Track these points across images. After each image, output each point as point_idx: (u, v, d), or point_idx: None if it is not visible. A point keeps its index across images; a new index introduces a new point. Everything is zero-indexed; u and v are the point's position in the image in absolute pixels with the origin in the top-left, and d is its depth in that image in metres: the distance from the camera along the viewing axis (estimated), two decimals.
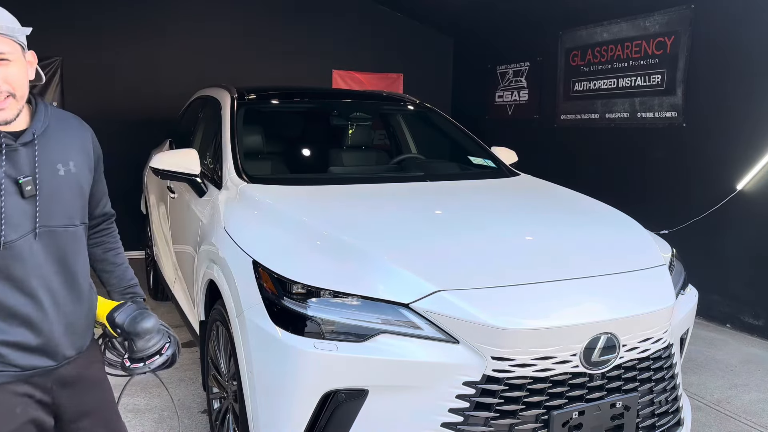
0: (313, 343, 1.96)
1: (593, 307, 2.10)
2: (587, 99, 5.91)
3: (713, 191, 4.70)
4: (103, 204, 1.73)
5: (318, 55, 7.19)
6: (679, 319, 2.39)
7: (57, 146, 1.49)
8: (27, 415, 1.48)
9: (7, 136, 1.40)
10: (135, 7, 6.38)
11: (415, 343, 1.96)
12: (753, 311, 4.55)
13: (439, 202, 2.91)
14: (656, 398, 2.23)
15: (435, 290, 1.99)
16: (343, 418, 1.98)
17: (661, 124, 5.17)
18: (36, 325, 1.45)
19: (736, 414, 3.31)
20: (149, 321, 1.60)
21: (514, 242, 2.42)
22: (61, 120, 1.55)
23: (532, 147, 5.92)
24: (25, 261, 1.41)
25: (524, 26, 6.70)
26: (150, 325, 1.60)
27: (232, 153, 3.13)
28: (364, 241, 2.27)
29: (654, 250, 2.52)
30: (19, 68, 1.41)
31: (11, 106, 1.39)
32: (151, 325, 1.60)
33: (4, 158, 1.38)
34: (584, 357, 2.01)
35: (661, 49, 5.11)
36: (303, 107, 4.31)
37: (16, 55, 1.40)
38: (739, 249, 4.61)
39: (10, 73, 1.38)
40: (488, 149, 3.83)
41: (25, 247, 1.40)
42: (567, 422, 2.00)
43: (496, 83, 7.28)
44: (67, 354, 1.53)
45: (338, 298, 2.04)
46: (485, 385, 1.94)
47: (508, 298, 2.03)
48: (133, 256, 6.23)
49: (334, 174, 3.53)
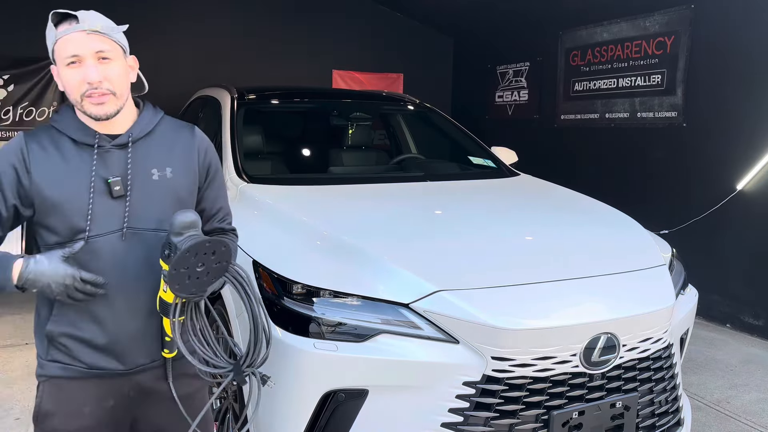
0: (313, 343, 1.96)
1: (593, 307, 2.10)
2: (587, 99, 5.91)
3: (713, 191, 4.70)
4: (218, 219, 1.68)
5: (318, 55, 7.19)
6: (679, 319, 2.38)
7: (157, 152, 1.51)
8: (96, 417, 1.48)
9: (103, 137, 1.45)
10: (135, 7, 6.38)
11: (415, 343, 1.96)
12: (753, 311, 4.55)
13: (439, 202, 2.91)
14: (656, 398, 2.23)
15: (435, 290, 1.99)
16: (343, 418, 1.98)
17: (661, 124, 5.16)
18: (105, 324, 1.45)
19: (736, 414, 3.31)
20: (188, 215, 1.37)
21: (514, 242, 2.42)
22: (173, 128, 1.59)
23: (532, 147, 5.92)
24: (106, 259, 1.43)
25: (524, 26, 6.70)
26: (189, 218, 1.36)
27: (232, 153, 3.13)
28: (364, 241, 2.27)
29: (654, 250, 2.52)
30: (120, 67, 1.45)
31: (111, 102, 1.43)
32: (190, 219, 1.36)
33: (95, 157, 1.43)
34: (584, 357, 2.01)
35: (661, 49, 5.11)
36: (303, 107, 4.31)
37: (116, 53, 1.45)
38: (739, 249, 4.61)
39: (110, 70, 1.42)
40: (488, 149, 3.83)
41: (107, 245, 1.43)
42: (567, 422, 2.00)
43: (496, 83, 7.28)
44: (139, 361, 1.49)
45: (338, 298, 2.04)
46: (485, 385, 1.94)
47: (508, 298, 2.03)
48: None
49: (334, 174, 3.53)
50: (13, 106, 6.22)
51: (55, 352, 1.47)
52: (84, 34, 1.39)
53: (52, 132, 1.45)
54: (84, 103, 1.41)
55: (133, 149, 1.47)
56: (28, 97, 6.26)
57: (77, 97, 1.41)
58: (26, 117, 6.28)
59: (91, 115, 1.43)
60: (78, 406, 1.47)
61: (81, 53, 1.39)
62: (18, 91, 6.21)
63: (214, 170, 1.64)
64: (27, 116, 6.28)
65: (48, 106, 6.33)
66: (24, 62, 6.16)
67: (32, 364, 3.74)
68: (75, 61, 1.40)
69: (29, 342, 4.10)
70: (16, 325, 4.41)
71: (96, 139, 1.44)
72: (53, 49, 1.42)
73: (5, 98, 6.19)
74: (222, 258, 1.35)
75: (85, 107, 1.42)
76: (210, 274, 1.35)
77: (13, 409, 3.17)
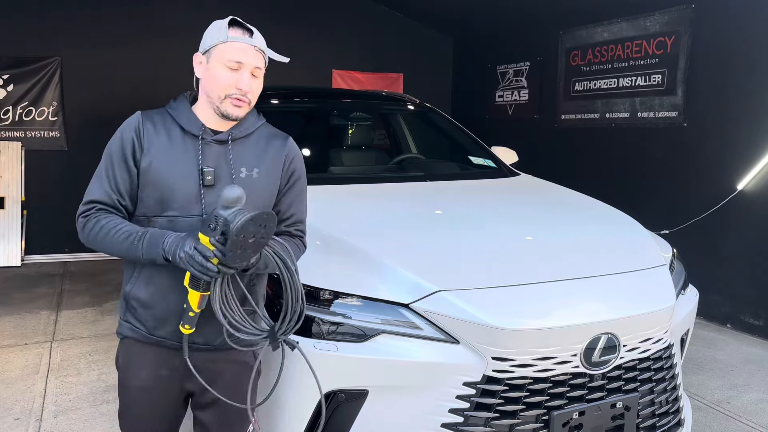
0: (313, 344, 1.96)
1: (594, 307, 2.10)
2: (587, 99, 5.91)
3: (713, 191, 4.70)
4: (288, 222, 1.77)
5: (318, 55, 7.19)
6: (680, 319, 2.38)
7: (250, 153, 1.66)
8: (151, 381, 1.65)
9: (207, 131, 1.62)
10: (135, 6, 6.38)
11: (415, 344, 1.96)
12: (753, 311, 4.55)
13: (440, 202, 2.91)
14: (657, 398, 2.23)
15: (435, 290, 1.99)
16: (343, 418, 1.98)
17: (661, 124, 5.16)
18: (166, 297, 1.58)
19: (736, 414, 3.30)
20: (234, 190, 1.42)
21: (514, 242, 2.41)
22: (270, 135, 1.75)
23: (532, 147, 5.92)
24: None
25: (524, 26, 6.70)
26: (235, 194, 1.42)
27: None
28: (364, 242, 2.27)
29: (654, 250, 2.52)
30: (261, 83, 1.66)
31: (244, 108, 1.62)
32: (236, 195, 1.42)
33: (201, 147, 1.59)
34: (584, 357, 2.01)
35: (661, 48, 5.11)
36: (303, 107, 4.31)
37: (263, 71, 1.65)
38: (739, 249, 4.61)
39: (256, 85, 1.63)
40: (488, 149, 3.83)
41: (185, 225, 1.56)
42: (567, 422, 2.00)
43: (496, 83, 7.28)
44: (195, 340, 1.60)
45: (338, 299, 2.03)
46: (485, 385, 1.94)
47: (509, 298, 2.03)
48: None
49: (334, 174, 3.52)
50: (12, 106, 6.22)
51: (128, 313, 1.65)
52: (254, 50, 1.60)
53: (166, 116, 1.63)
54: (225, 101, 1.58)
55: (231, 147, 1.63)
56: (28, 97, 6.26)
57: (221, 94, 1.58)
58: (26, 117, 6.28)
59: (226, 113, 1.59)
60: (138, 367, 1.65)
61: (245, 62, 1.58)
62: (17, 91, 6.21)
63: (296, 177, 1.76)
64: (26, 116, 6.28)
65: (48, 106, 6.33)
66: (24, 62, 6.16)
67: (32, 364, 3.74)
68: (237, 67, 1.57)
69: (29, 342, 4.11)
70: (16, 325, 4.41)
71: (201, 131, 1.60)
72: (215, 45, 1.58)
73: (5, 98, 6.19)
74: (270, 232, 1.43)
75: (224, 105, 1.59)
76: (256, 246, 1.42)
77: (13, 409, 3.17)
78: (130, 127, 1.59)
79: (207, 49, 1.60)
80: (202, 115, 1.63)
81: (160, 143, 1.58)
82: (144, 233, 1.51)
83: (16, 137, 6.27)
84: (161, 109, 1.65)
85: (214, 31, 1.61)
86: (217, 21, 1.62)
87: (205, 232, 1.42)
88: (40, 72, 6.25)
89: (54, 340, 4.15)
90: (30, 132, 6.32)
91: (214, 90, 1.59)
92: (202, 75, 1.62)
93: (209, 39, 1.60)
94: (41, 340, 4.15)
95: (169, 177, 1.56)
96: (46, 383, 3.48)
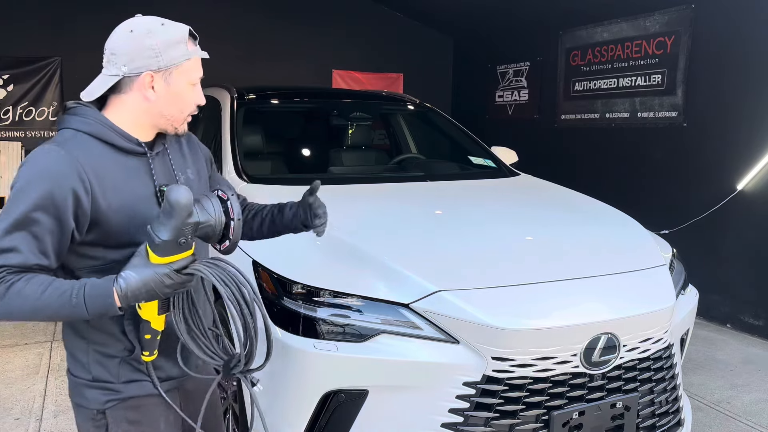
0: (313, 344, 1.96)
1: (593, 307, 2.10)
2: (587, 99, 5.91)
3: (713, 191, 4.70)
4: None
5: (318, 55, 7.19)
6: (680, 319, 2.38)
7: (177, 156, 1.53)
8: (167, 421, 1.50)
9: (142, 145, 1.41)
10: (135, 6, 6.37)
11: (415, 344, 1.96)
12: (753, 311, 4.55)
13: (439, 202, 2.91)
14: (656, 398, 2.23)
15: (435, 290, 1.99)
16: (343, 418, 1.98)
17: (661, 124, 5.16)
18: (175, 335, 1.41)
19: (736, 414, 3.30)
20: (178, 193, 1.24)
21: (514, 242, 2.41)
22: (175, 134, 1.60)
23: (532, 147, 5.92)
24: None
25: (524, 26, 6.70)
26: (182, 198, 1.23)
27: (232, 153, 3.12)
28: (364, 241, 2.26)
29: (654, 250, 2.52)
30: None
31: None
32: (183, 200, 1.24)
33: (152, 165, 1.41)
34: (584, 357, 2.01)
35: (661, 49, 5.11)
36: (303, 107, 4.31)
37: None
38: (739, 249, 4.61)
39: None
40: (488, 149, 3.83)
41: None
42: (567, 422, 2.00)
43: (496, 83, 7.28)
44: (170, 373, 1.50)
45: (338, 299, 2.03)
46: (485, 385, 1.94)
47: (509, 298, 2.03)
48: None
49: (334, 174, 3.53)
50: (12, 105, 6.22)
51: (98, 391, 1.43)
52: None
53: (90, 141, 1.34)
54: (184, 121, 1.45)
55: (166, 156, 1.48)
56: (28, 97, 6.26)
57: (185, 115, 1.43)
58: (26, 117, 6.28)
59: (179, 130, 1.45)
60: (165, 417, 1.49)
61: (200, 77, 1.44)
62: (18, 91, 6.22)
63: (212, 160, 1.70)
64: (27, 116, 6.29)
65: (48, 106, 6.34)
66: (24, 62, 6.16)
67: (32, 364, 3.74)
68: (197, 83, 1.43)
69: (29, 342, 4.10)
70: (16, 325, 4.40)
71: (144, 147, 1.40)
72: (178, 63, 1.38)
73: (5, 98, 6.20)
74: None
75: (182, 125, 1.45)
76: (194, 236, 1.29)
77: (13, 409, 3.17)
78: (65, 175, 1.27)
79: (167, 66, 1.37)
80: (126, 128, 1.39)
81: (110, 177, 1.33)
82: (81, 284, 1.25)
83: (16, 137, 6.28)
84: (77, 135, 1.34)
85: (171, 45, 1.38)
86: (168, 30, 1.40)
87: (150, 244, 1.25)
88: (40, 72, 6.25)
89: (54, 339, 4.15)
90: (30, 132, 6.33)
91: (180, 110, 1.42)
92: (161, 94, 1.37)
93: (167, 56, 1.37)
94: (41, 339, 4.16)
95: (129, 210, 1.34)
96: (46, 383, 3.48)
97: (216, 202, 1.33)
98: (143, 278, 1.23)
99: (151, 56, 1.36)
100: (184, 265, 1.27)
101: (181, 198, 1.22)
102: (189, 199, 1.24)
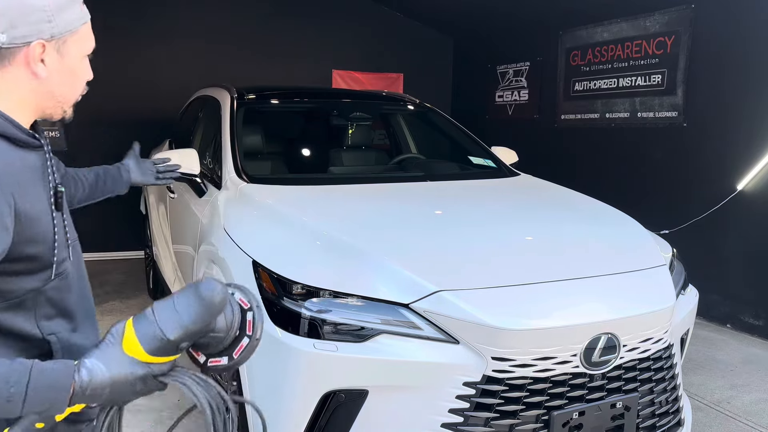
0: (312, 344, 1.95)
1: (594, 307, 2.10)
2: (587, 99, 5.91)
3: (713, 191, 4.70)
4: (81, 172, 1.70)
5: (318, 55, 7.19)
6: (680, 319, 2.38)
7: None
8: None
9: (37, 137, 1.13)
10: (135, 6, 6.38)
11: (415, 344, 1.96)
12: (753, 311, 4.55)
13: (439, 202, 2.91)
14: (657, 398, 2.23)
15: (435, 290, 1.99)
16: (343, 418, 1.98)
17: (661, 124, 5.16)
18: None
19: (736, 414, 3.30)
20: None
21: (514, 242, 2.41)
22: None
23: (532, 147, 5.91)
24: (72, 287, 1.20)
25: (524, 26, 6.70)
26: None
27: (232, 153, 3.13)
28: (364, 241, 2.26)
29: (654, 250, 2.52)
30: None
31: None
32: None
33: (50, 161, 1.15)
34: (584, 357, 2.01)
35: (661, 48, 5.11)
36: (303, 107, 4.31)
37: None
38: (739, 249, 4.61)
39: None
40: (488, 149, 3.83)
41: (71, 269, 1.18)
42: (567, 422, 2.00)
43: (496, 83, 7.28)
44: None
45: (338, 299, 2.03)
46: (485, 385, 1.94)
47: (509, 298, 2.03)
48: (133, 256, 6.22)
49: (334, 174, 3.53)
50: None
51: None
52: None
53: None
54: (74, 102, 1.17)
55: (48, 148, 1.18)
56: None
57: (77, 95, 1.17)
58: None
59: (67, 114, 1.17)
60: None
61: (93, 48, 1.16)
62: None
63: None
64: None
65: None
66: None
67: None
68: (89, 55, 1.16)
69: None
70: None
71: (37, 139, 1.11)
72: (74, 29, 1.09)
73: None
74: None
75: (70, 107, 1.17)
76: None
77: None
78: None
79: (61, 34, 1.07)
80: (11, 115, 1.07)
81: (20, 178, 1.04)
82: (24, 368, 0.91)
83: None
84: None
85: (65, 6, 1.07)
86: None
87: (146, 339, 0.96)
88: None
89: None
90: None
91: (73, 89, 1.15)
92: (53, 69, 1.08)
93: (61, 20, 1.06)
94: None
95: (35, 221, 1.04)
96: None
97: (236, 308, 1.05)
98: (113, 375, 0.94)
99: (42, 20, 1.03)
100: (163, 371, 0.99)
101: (216, 296, 0.96)
102: (224, 299, 0.97)
